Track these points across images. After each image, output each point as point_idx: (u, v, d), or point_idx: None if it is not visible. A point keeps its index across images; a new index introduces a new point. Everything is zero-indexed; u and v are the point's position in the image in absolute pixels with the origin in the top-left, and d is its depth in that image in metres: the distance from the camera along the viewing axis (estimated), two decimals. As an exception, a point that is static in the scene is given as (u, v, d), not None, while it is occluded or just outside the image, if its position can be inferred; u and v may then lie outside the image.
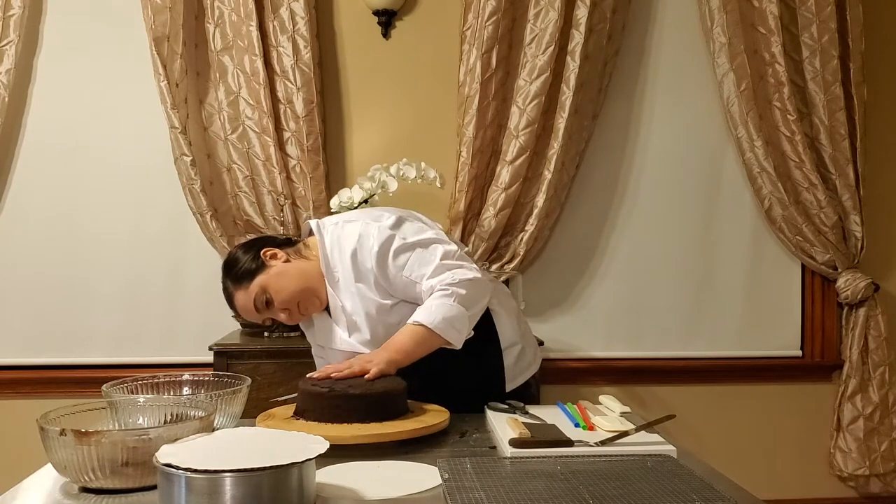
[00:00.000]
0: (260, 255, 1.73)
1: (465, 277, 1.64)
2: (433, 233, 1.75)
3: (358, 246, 1.70)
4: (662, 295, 3.07)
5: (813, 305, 3.12)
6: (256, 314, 1.73)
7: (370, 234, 1.70)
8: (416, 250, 1.68)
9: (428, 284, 1.65)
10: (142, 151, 2.91)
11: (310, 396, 1.47)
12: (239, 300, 1.72)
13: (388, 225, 1.71)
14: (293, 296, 1.71)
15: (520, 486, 1.14)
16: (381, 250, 1.67)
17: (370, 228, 1.71)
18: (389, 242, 1.68)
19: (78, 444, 1.12)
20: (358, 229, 1.72)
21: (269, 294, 1.70)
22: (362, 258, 1.69)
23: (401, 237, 1.69)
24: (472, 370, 1.76)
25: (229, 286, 1.74)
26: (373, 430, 1.40)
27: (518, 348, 1.88)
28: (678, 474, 1.20)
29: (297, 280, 1.71)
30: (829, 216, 2.96)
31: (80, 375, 2.85)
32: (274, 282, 1.70)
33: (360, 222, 1.73)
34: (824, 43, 2.93)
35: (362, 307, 1.71)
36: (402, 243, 1.68)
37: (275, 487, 1.02)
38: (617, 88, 3.02)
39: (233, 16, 2.81)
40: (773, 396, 3.09)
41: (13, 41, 2.78)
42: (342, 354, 1.75)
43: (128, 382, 1.49)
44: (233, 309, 1.78)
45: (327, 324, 1.79)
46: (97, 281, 2.92)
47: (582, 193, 3.03)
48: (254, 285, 1.70)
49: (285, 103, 2.83)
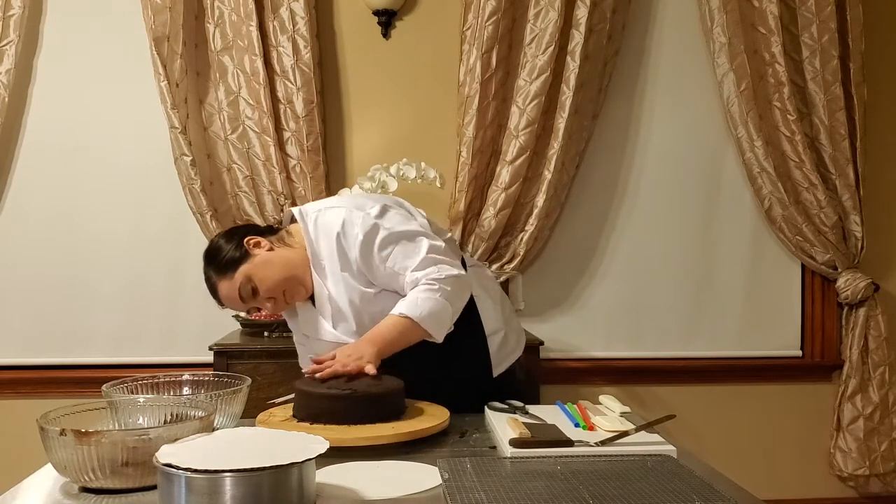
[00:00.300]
0: (243, 244, 1.71)
1: (450, 273, 1.64)
2: (417, 224, 1.73)
3: (342, 232, 1.68)
4: (662, 295, 3.07)
5: (813, 305, 3.12)
6: (241, 304, 1.71)
7: (354, 223, 1.67)
8: (401, 242, 1.67)
9: (412, 276, 1.64)
10: (142, 151, 2.91)
11: (307, 398, 1.47)
12: (223, 290, 1.70)
13: (372, 214, 1.69)
14: (278, 284, 1.69)
15: (520, 486, 1.14)
16: (366, 240, 1.66)
17: (354, 216, 1.68)
18: (374, 232, 1.66)
19: (78, 444, 1.12)
20: (342, 215, 1.69)
21: (255, 283, 1.68)
22: (347, 246, 1.68)
23: (386, 227, 1.67)
24: (457, 358, 1.75)
25: (212, 276, 1.71)
26: (373, 431, 1.40)
27: (501, 335, 1.87)
28: (678, 474, 1.20)
29: (282, 268, 1.70)
30: (829, 216, 2.96)
31: (80, 375, 2.85)
32: (259, 270, 1.68)
33: (344, 209, 1.71)
34: (824, 43, 2.93)
35: (346, 295, 1.70)
36: (388, 234, 1.67)
37: (275, 487, 1.02)
38: (617, 88, 3.02)
39: (233, 16, 2.81)
40: (773, 396, 3.09)
41: (13, 41, 2.78)
42: (327, 345, 1.74)
43: (128, 382, 1.49)
44: (216, 299, 1.74)
45: (312, 314, 1.78)
46: (97, 281, 2.92)
47: (582, 193, 3.03)
48: (238, 274, 1.68)
49: (285, 103, 2.83)
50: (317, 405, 1.45)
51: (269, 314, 2.60)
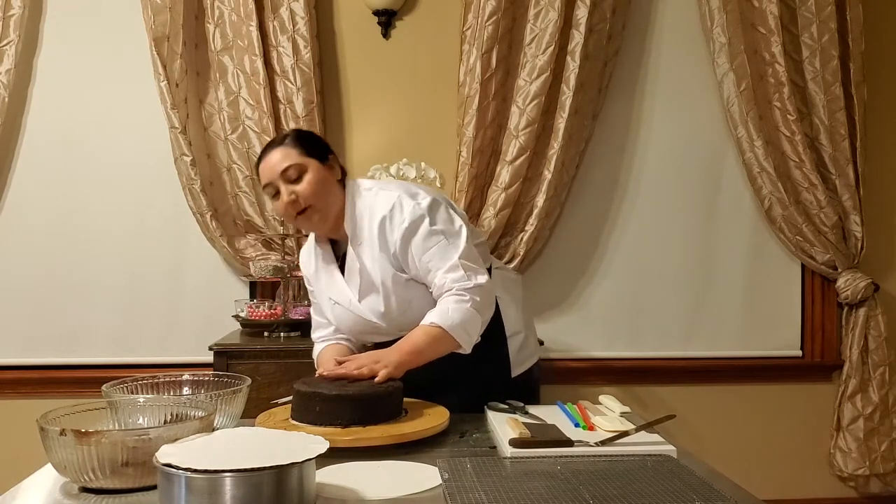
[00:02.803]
0: (331, 153, 1.77)
1: (478, 283, 1.66)
2: (459, 225, 1.76)
3: (388, 216, 1.71)
4: (662, 295, 3.07)
5: (813, 305, 3.12)
6: (275, 175, 1.70)
7: (403, 209, 1.70)
8: (441, 241, 1.70)
9: (442, 278, 1.66)
10: (142, 151, 2.91)
11: (305, 399, 1.47)
12: (279, 155, 1.70)
13: (423, 205, 1.72)
14: (316, 200, 1.70)
15: (520, 486, 1.14)
16: (411, 227, 1.69)
17: (404, 202, 1.71)
18: (420, 223, 1.69)
19: (78, 444, 1.12)
20: (392, 200, 1.72)
21: (306, 178, 1.69)
22: (390, 229, 1.70)
23: (431, 221, 1.70)
24: (478, 358, 1.75)
25: (287, 141, 1.73)
26: (373, 432, 1.39)
27: (521, 336, 1.89)
28: (678, 474, 1.20)
29: (328, 198, 1.72)
30: (829, 216, 2.96)
31: (80, 375, 2.85)
32: (318, 176, 1.71)
33: (396, 193, 1.74)
34: (824, 43, 2.93)
35: (380, 275, 1.72)
36: (432, 229, 1.69)
37: (275, 487, 1.02)
38: (617, 88, 3.02)
39: (233, 16, 2.81)
40: (773, 396, 3.09)
41: (13, 41, 2.79)
42: (350, 318, 1.77)
43: (128, 382, 1.49)
44: (261, 156, 1.74)
45: (339, 282, 1.79)
46: (97, 281, 2.92)
47: (582, 193, 3.03)
48: (305, 160, 1.70)
49: (285, 103, 2.83)
50: (313, 406, 1.44)
51: (272, 277, 2.61)
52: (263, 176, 1.73)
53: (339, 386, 1.47)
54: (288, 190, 1.70)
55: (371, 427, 1.41)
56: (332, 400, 1.43)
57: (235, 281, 2.94)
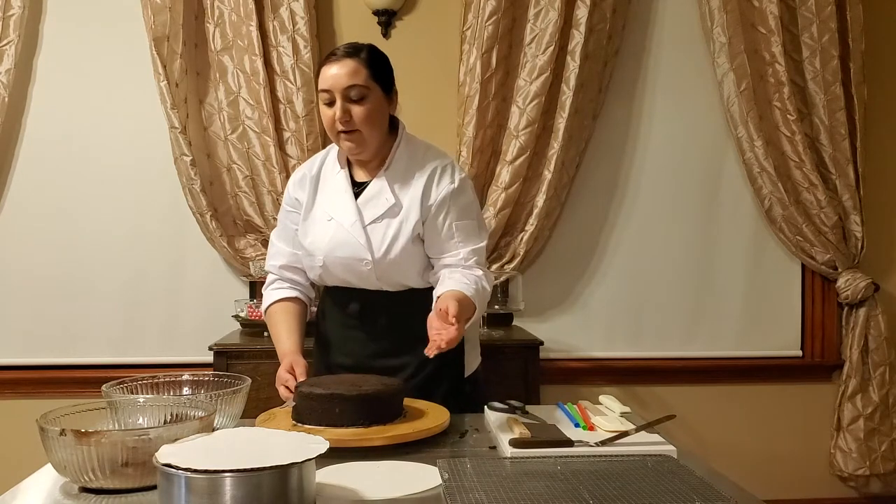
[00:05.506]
0: (395, 87, 1.81)
1: (490, 280, 1.73)
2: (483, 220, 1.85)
3: (441, 170, 1.75)
4: (662, 295, 3.07)
5: (813, 305, 3.12)
6: (338, 87, 1.68)
7: (455, 173, 1.76)
8: (475, 222, 1.77)
9: (466, 253, 1.71)
10: (142, 151, 2.91)
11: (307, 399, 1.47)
12: (348, 68, 1.69)
13: (470, 184, 1.79)
14: (366, 128, 1.70)
15: (520, 486, 1.13)
16: (456, 192, 1.73)
17: (457, 169, 1.78)
18: (465, 191, 1.76)
19: (78, 444, 1.12)
20: (447, 160, 1.79)
21: (366, 103, 1.69)
22: (437, 182, 1.74)
23: (472, 199, 1.77)
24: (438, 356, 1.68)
25: (362, 55, 1.71)
26: (373, 432, 1.39)
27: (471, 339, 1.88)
28: (678, 474, 1.20)
29: (377, 129, 1.73)
30: (829, 216, 2.96)
31: (80, 375, 2.85)
32: (378, 105, 1.72)
33: (451, 159, 1.81)
34: (824, 43, 2.93)
35: (399, 219, 1.72)
36: (473, 204, 1.77)
37: (275, 487, 1.02)
38: (617, 88, 3.02)
39: (233, 16, 2.81)
40: (773, 396, 3.09)
41: (13, 41, 2.79)
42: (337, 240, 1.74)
43: (128, 382, 1.49)
44: (329, 59, 1.71)
45: (349, 203, 1.76)
46: (97, 281, 2.92)
47: (582, 193, 3.03)
48: (372, 85, 1.70)
49: (285, 103, 2.83)
50: (317, 406, 1.44)
51: None
52: (325, 81, 1.71)
53: (341, 387, 1.47)
54: (344, 107, 1.69)
55: (371, 427, 1.41)
56: (333, 400, 1.43)
57: (235, 281, 2.94)
